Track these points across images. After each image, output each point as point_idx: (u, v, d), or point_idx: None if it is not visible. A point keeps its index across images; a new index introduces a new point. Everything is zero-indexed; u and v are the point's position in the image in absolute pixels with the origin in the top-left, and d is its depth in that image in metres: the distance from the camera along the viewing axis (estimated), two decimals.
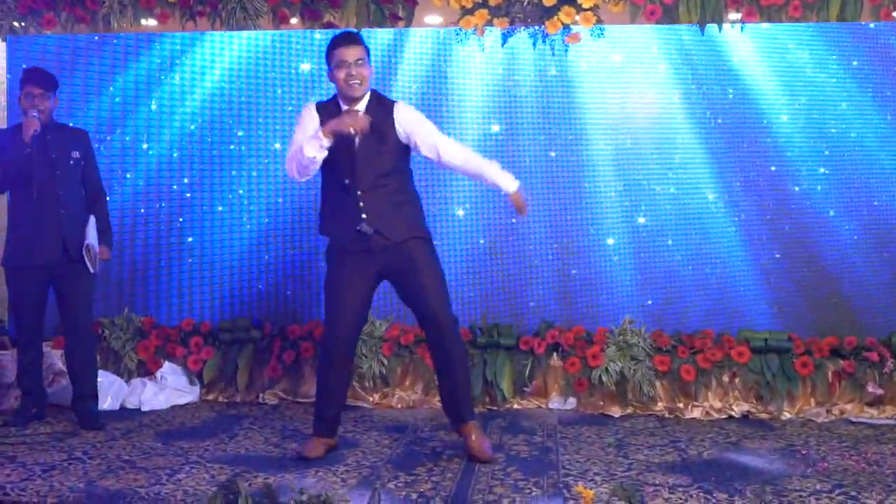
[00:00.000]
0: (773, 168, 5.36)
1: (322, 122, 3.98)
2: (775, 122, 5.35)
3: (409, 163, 4.13)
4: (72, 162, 4.67)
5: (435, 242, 4.14)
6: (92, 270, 4.65)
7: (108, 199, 4.94)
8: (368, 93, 4.05)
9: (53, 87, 4.66)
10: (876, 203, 5.32)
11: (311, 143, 3.88)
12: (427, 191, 5.02)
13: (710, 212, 5.39)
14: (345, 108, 4.01)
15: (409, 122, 4.03)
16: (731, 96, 5.35)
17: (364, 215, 3.96)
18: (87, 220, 4.72)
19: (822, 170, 5.34)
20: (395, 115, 4.02)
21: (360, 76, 3.96)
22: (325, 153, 3.90)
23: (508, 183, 4.02)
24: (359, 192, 3.96)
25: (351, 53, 3.95)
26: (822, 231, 5.35)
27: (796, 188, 5.36)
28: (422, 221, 4.11)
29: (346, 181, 3.97)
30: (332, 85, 4.05)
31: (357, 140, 3.93)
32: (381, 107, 4.04)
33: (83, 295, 4.71)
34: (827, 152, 5.33)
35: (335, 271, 4.07)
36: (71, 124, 4.99)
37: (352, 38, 4.01)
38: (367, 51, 4.04)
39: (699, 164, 5.39)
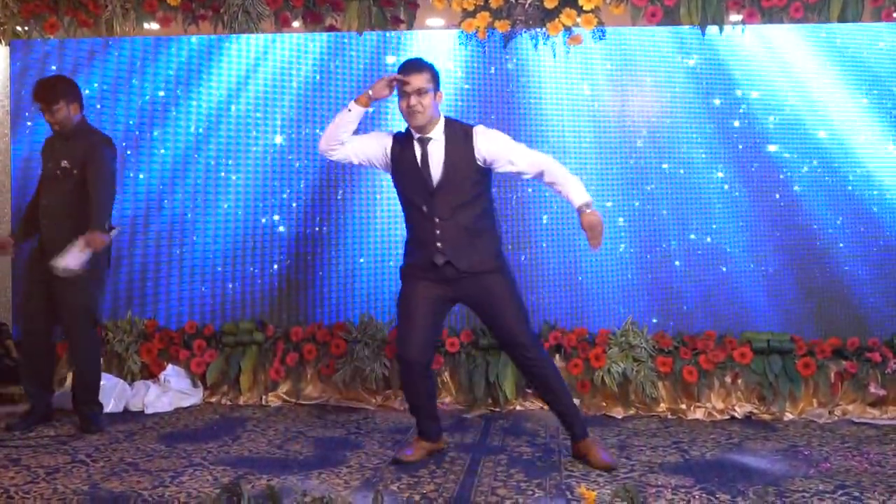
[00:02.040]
0: (777, 171, 5.37)
1: (393, 153, 4.00)
2: (781, 126, 5.35)
3: (489, 188, 4.05)
4: (59, 171, 4.62)
5: None
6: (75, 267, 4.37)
7: (113, 192, 4.70)
8: (441, 121, 3.99)
9: (58, 97, 4.60)
10: (875, 209, 5.33)
11: (342, 111, 3.96)
12: None
13: (713, 213, 5.39)
14: (416, 135, 3.98)
15: (489, 148, 3.93)
16: (738, 97, 5.36)
17: (439, 244, 3.92)
18: (73, 227, 4.56)
19: (818, 163, 5.36)
20: (475, 143, 3.94)
21: (419, 105, 3.88)
22: (352, 120, 3.94)
23: (578, 196, 3.84)
24: (436, 220, 3.93)
25: (412, 81, 3.88)
26: (824, 232, 5.35)
27: (799, 189, 5.36)
28: (496, 251, 4.04)
29: (424, 208, 3.95)
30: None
31: (435, 170, 3.93)
32: (462, 133, 3.97)
33: (76, 303, 4.64)
34: (833, 161, 5.36)
35: (409, 289, 4.03)
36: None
37: (413, 66, 3.93)
38: (435, 77, 3.96)
39: (703, 167, 5.40)
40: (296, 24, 5.38)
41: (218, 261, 5.66)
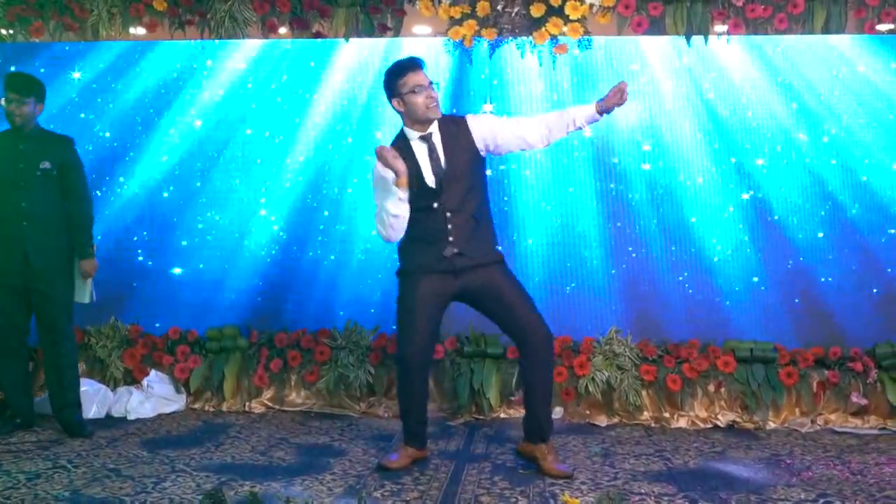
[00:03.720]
0: (764, 185, 5.39)
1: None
2: (764, 133, 5.38)
3: (485, 177, 4.15)
4: (39, 172, 4.60)
5: None
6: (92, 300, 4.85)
7: (92, 207, 4.86)
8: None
9: (31, 93, 4.62)
10: (859, 219, 5.36)
11: (392, 203, 3.83)
12: None
13: (697, 223, 5.41)
14: (416, 134, 4.00)
15: (486, 127, 4.04)
16: (733, 110, 5.38)
17: (451, 238, 3.96)
18: (59, 229, 4.65)
19: (800, 176, 5.38)
20: (470, 129, 4.03)
21: (436, 98, 3.99)
22: (407, 204, 3.86)
23: (589, 113, 3.99)
24: (448, 214, 3.96)
25: (424, 77, 3.97)
26: (806, 243, 5.36)
27: (781, 200, 5.39)
28: (496, 243, 4.15)
29: (435, 205, 3.97)
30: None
31: (443, 164, 3.97)
32: (454, 124, 4.05)
33: (59, 303, 4.67)
34: (807, 159, 5.38)
35: (412, 290, 4.03)
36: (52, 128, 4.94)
37: (421, 63, 4.02)
38: None
39: (687, 177, 5.42)
40: (282, 30, 5.37)
41: (203, 266, 5.64)
